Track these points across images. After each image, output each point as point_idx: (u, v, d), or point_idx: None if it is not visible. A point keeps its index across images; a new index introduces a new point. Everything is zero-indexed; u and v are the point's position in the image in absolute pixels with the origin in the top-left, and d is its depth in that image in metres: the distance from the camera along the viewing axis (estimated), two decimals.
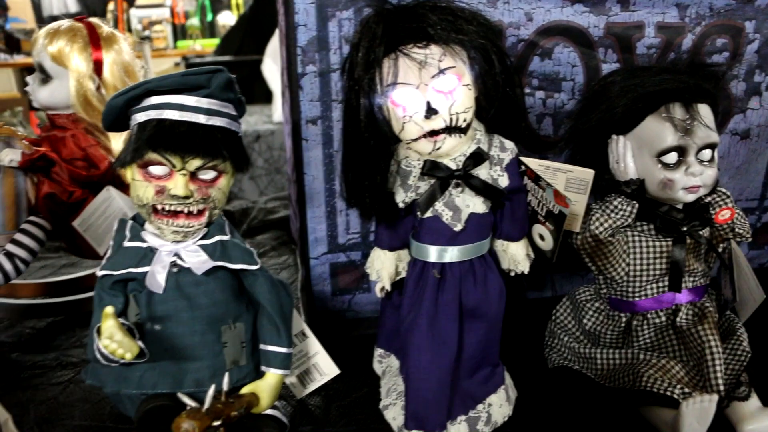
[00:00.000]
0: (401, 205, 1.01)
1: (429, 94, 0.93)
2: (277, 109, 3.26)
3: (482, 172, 1.00)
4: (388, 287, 1.09)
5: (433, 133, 0.95)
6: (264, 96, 3.56)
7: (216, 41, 4.52)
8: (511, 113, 1.01)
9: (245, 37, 3.89)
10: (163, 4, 4.75)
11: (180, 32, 4.83)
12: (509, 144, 1.03)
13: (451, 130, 0.95)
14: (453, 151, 0.98)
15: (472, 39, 0.94)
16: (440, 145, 0.96)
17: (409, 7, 0.95)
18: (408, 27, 0.93)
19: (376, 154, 0.97)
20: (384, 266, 1.09)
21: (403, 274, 1.09)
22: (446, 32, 0.93)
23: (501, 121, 1.01)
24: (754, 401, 1.09)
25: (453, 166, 0.98)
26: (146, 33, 4.61)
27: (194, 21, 4.85)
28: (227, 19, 4.83)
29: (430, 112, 0.93)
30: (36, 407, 1.17)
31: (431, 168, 0.98)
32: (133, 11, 4.56)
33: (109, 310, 0.88)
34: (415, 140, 0.96)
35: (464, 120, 0.95)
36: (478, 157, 0.98)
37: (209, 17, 4.88)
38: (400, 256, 1.10)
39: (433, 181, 0.99)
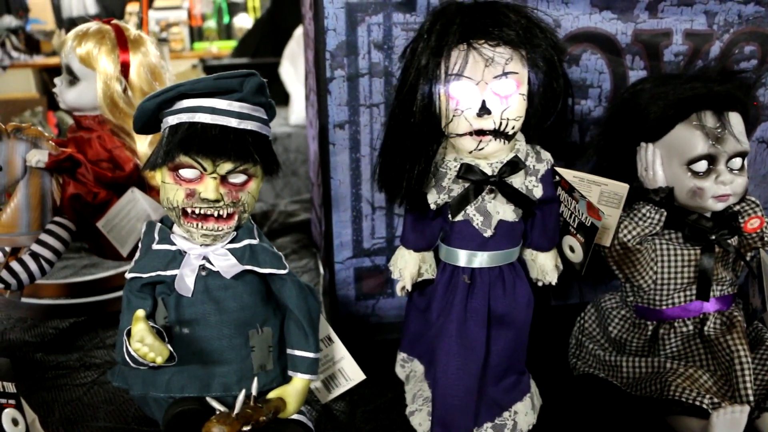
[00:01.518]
0: (433, 206, 1.01)
1: (487, 93, 0.93)
2: (294, 112, 3.26)
3: (516, 180, 0.99)
4: (408, 287, 1.08)
5: (480, 132, 0.95)
6: (280, 99, 3.57)
7: (233, 43, 4.53)
8: (560, 127, 1.01)
9: (262, 40, 3.90)
10: (180, 6, 4.77)
11: (197, 34, 4.84)
12: (546, 155, 1.03)
13: (498, 133, 0.95)
14: (492, 156, 0.98)
15: (545, 49, 0.95)
16: (484, 146, 0.96)
17: (490, 2, 0.95)
18: (485, 22, 0.93)
19: (427, 140, 0.97)
20: (407, 266, 1.08)
21: (426, 276, 1.09)
22: (520, 36, 0.93)
23: (547, 132, 1.01)
24: None
25: (489, 172, 0.98)
26: (163, 35, 4.62)
27: (211, 23, 4.87)
28: (244, 21, 4.83)
29: (484, 111, 0.93)
30: (61, 408, 1.18)
31: (466, 171, 0.97)
32: (150, 13, 4.58)
33: (140, 313, 0.88)
34: (460, 135, 0.96)
35: (513, 127, 0.95)
36: (514, 166, 0.98)
37: (226, 19, 4.89)
38: (424, 258, 1.09)
39: (467, 184, 0.99)
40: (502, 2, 0.95)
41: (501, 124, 0.94)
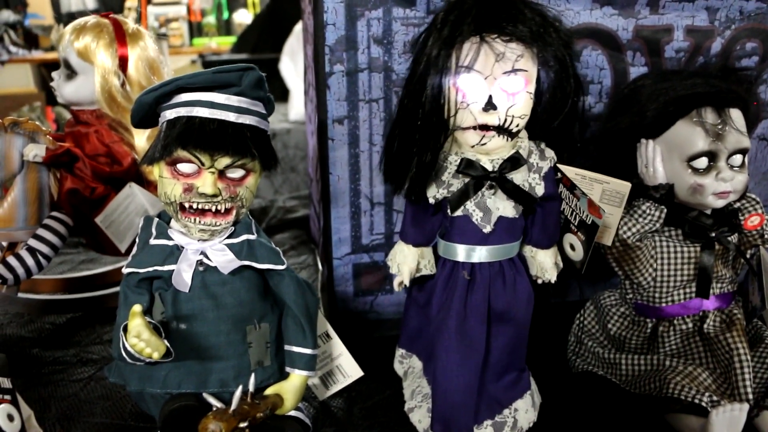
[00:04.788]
0: (432, 201, 1.00)
1: (494, 88, 0.93)
2: (293, 108, 3.25)
3: (518, 176, 0.99)
4: (406, 282, 1.08)
5: (484, 128, 0.94)
6: (280, 94, 3.56)
7: (232, 39, 4.52)
8: (568, 126, 1.01)
9: (262, 36, 3.89)
10: (179, 1, 4.76)
11: (196, 30, 4.83)
12: (549, 152, 1.02)
13: (502, 130, 0.94)
14: (494, 152, 0.98)
15: (556, 47, 0.94)
16: (486, 142, 0.95)
17: None
18: (500, 16, 0.92)
19: (435, 130, 0.96)
20: (405, 261, 1.08)
21: (424, 272, 1.08)
22: (534, 33, 0.92)
23: (555, 131, 1.00)
24: None
25: (489, 168, 0.98)
26: (162, 30, 4.61)
27: (210, 19, 4.86)
28: (243, 17, 4.82)
29: (490, 106, 0.93)
30: (57, 403, 1.17)
31: (467, 166, 0.97)
32: (150, 8, 4.57)
33: (137, 308, 0.88)
34: (464, 129, 0.96)
35: (517, 125, 0.95)
36: (515, 162, 0.98)
37: (225, 15, 4.88)
38: (423, 253, 1.09)
39: (466, 180, 0.98)
40: None
41: (506, 120, 0.94)
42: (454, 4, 0.95)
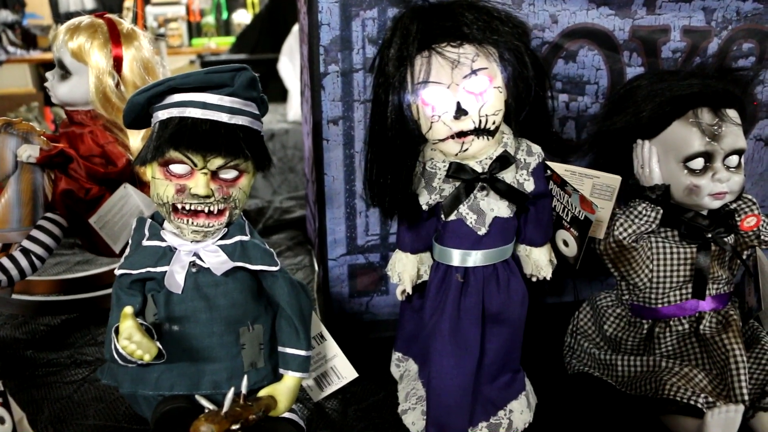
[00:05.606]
0: (425, 207, 0.99)
1: (460, 94, 0.92)
2: (292, 108, 3.25)
3: (508, 175, 0.98)
4: (409, 290, 1.07)
5: (461, 134, 0.93)
6: (279, 95, 3.56)
7: (231, 39, 4.52)
8: (540, 117, 1.00)
9: (261, 36, 3.89)
10: (178, 1, 4.76)
11: (195, 30, 4.83)
12: (536, 148, 1.01)
13: (479, 132, 0.93)
14: (480, 154, 0.97)
15: (507, 40, 0.93)
16: (468, 147, 0.94)
17: (444, 5, 0.94)
18: (443, 25, 0.92)
19: (403, 152, 0.96)
20: (405, 269, 1.07)
21: (425, 278, 1.08)
22: (481, 32, 0.91)
23: (529, 124, 1.00)
24: None
25: (479, 169, 0.97)
26: (161, 30, 4.61)
27: (209, 19, 4.86)
28: (242, 17, 4.82)
29: (460, 112, 0.92)
30: (50, 405, 1.16)
31: (456, 170, 0.96)
32: (148, 9, 4.57)
33: (128, 310, 0.87)
34: (442, 140, 0.95)
35: (493, 122, 0.94)
36: (504, 161, 0.97)
37: (224, 15, 4.89)
38: (422, 259, 1.08)
39: (458, 183, 0.98)
40: (459, 2, 0.94)
41: (480, 121, 0.93)
42: (395, 24, 0.94)
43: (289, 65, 3.37)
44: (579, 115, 1.32)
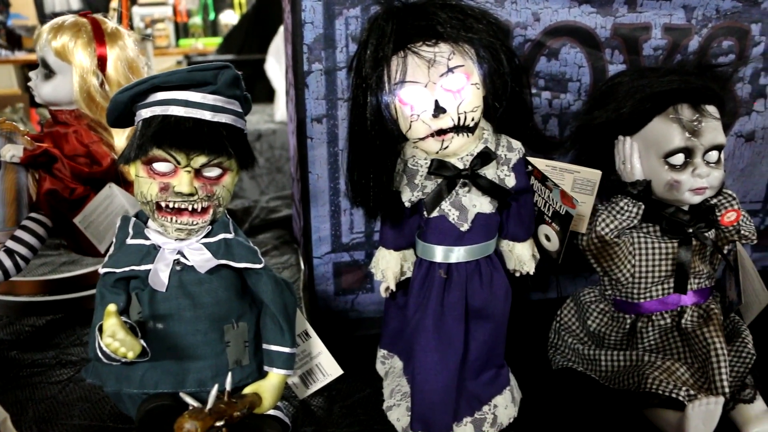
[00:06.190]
0: (407, 204, 1.00)
1: (437, 92, 0.93)
2: (279, 109, 3.25)
3: (489, 171, 0.99)
4: (392, 287, 1.08)
5: (440, 132, 0.94)
6: (266, 95, 3.55)
7: (218, 40, 4.50)
8: (518, 113, 1.01)
9: (248, 36, 3.88)
10: (165, 2, 4.74)
11: (182, 31, 4.81)
12: (516, 144, 1.02)
13: (458, 129, 0.94)
14: (460, 151, 0.97)
15: (482, 37, 0.94)
16: (448, 144, 0.95)
17: (418, 4, 0.95)
18: (417, 25, 0.92)
19: (383, 152, 0.97)
20: (389, 266, 1.08)
21: (408, 274, 1.09)
22: (456, 30, 0.92)
23: (508, 120, 1.00)
24: (759, 404, 1.09)
25: (460, 166, 0.98)
26: (148, 31, 4.59)
27: (197, 19, 4.84)
28: (230, 17, 4.81)
29: (438, 110, 0.92)
30: (35, 406, 1.16)
31: (438, 167, 0.97)
32: (135, 9, 4.55)
33: (112, 308, 0.87)
34: (422, 139, 0.95)
35: (472, 119, 0.94)
36: (485, 157, 0.98)
37: (212, 16, 4.87)
38: (405, 256, 1.09)
39: (439, 180, 0.98)
40: (432, 1, 0.95)
41: (459, 118, 0.93)
42: (370, 25, 0.95)
43: (276, 66, 3.37)
44: (562, 113, 1.33)
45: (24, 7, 4.23)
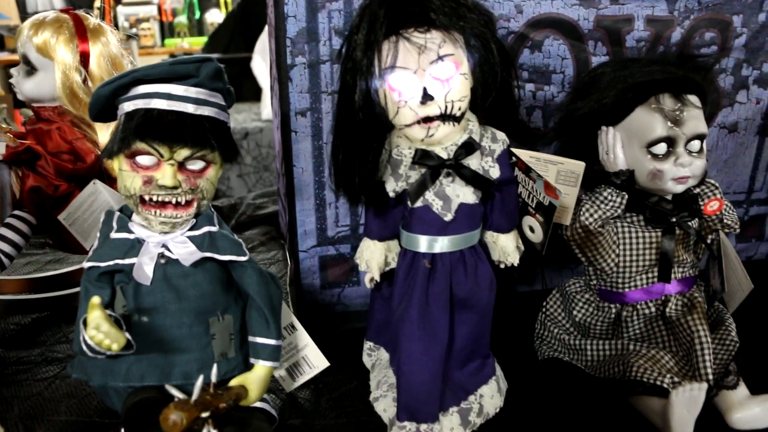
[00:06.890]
0: (391, 194, 1.00)
1: (426, 80, 0.93)
2: (266, 107, 3.25)
3: (473, 162, 0.99)
4: (377, 278, 1.08)
5: (427, 120, 0.94)
6: (253, 94, 3.55)
7: (204, 39, 4.50)
8: (505, 104, 1.01)
9: (234, 35, 3.87)
10: (150, 1, 4.72)
11: (168, 30, 4.80)
12: (501, 135, 1.02)
13: (445, 117, 0.94)
14: (445, 140, 0.98)
15: (474, 26, 0.94)
16: (433, 132, 0.95)
17: None
18: (410, 11, 0.92)
19: (370, 137, 0.97)
20: (373, 256, 1.08)
21: (393, 265, 1.09)
22: (448, 18, 0.92)
23: (495, 112, 1.01)
24: (742, 390, 1.09)
25: (444, 156, 0.98)
26: (133, 30, 4.58)
27: (182, 19, 4.83)
28: (215, 16, 4.80)
29: (426, 98, 0.92)
30: (20, 403, 1.15)
31: (422, 156, 0.97)
32: (120, 9, 4.53)
33: (96, 300, 0.87)
34: (408, 126, 0.96)
35: (459, 108, 0.95)
36: (469, 147, 0.98)
37: (197, 15, 4.86)
38: (390, 247, 1.09)
39: (423, 170, 0.99)
40: None
41: (446, 107, 0.94)
42: (363, 9, 0.95)
43: (263, 64, 3.37)
44: (545, 104, 1.34)
45: (6, 6, 4.20)
